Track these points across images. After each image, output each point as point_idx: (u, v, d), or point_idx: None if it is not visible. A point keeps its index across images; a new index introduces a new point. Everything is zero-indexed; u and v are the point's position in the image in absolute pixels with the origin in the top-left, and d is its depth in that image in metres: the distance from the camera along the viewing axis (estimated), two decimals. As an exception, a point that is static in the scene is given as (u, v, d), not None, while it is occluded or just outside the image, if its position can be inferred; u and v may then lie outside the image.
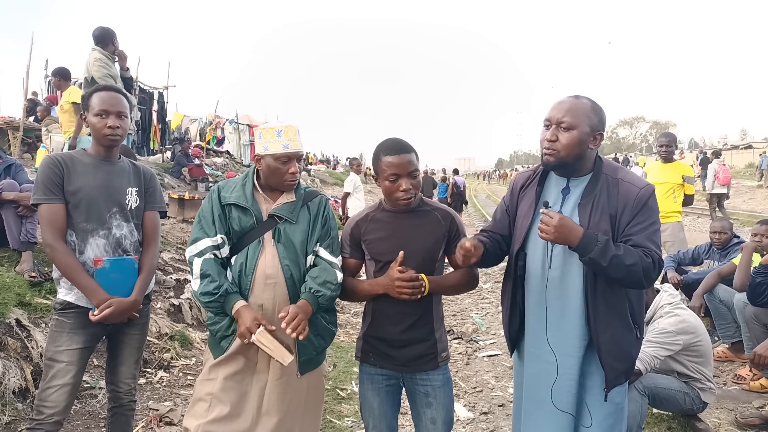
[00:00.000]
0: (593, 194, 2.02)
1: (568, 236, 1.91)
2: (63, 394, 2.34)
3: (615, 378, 2.03)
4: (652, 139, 72.47)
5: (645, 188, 2.02)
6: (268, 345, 2.06)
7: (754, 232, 4.34)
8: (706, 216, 15.49)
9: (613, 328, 2.01)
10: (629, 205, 1.98)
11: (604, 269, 1.90)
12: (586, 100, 2.04)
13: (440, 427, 2.27)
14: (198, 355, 4.59)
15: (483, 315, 6.75)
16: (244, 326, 2.07)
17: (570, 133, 1.99)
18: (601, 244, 1.89)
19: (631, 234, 1.97)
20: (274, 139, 2.24)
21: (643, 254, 1.92)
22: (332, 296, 2.24)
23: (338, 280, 2.25)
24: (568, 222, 1.93)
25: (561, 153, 2.01)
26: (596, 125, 2.01)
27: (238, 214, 2.25)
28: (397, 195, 2.19)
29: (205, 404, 2.21)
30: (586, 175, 2.08)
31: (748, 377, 4.14)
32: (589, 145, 2.02)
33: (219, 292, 2.13)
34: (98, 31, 5.44)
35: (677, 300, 3.36)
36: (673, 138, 5.92)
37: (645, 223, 1.98)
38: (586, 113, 2.00)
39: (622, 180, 2.03)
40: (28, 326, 3.62)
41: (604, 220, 1.98)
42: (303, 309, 2.13)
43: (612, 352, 2.00)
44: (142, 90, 13.16)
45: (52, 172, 2.37)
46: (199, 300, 2.19)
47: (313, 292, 2.19)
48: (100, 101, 2.44)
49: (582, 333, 2.04)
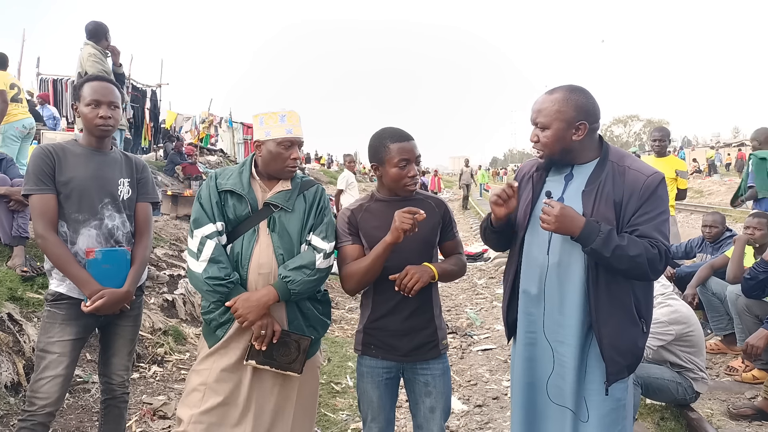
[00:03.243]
0: (598, 181, 1.95)
1: (569, 226, 1.87)
2: (55, 385, 2.32)
3: (617, 372, 1.95)
4: (645, 137, 72.69)
5: (653, 176, 1.94)
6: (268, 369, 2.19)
7: (747, 225, 4.36)
8: (700, 212, 15.58)
9: (616, 321, 1.93)
10: (636, 193, 1.91)
11: (607, 260, 1.85)
12: (560, 92, 1.97)
13: (439, 415, 2.26)
14: (192, 350, 4.58)
15: (477, 310, 6.77)
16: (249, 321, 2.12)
17: (545, 132, 1.97)
18: (604, 234, 1.83)
19: (638, 224, 1.90)
20: (278, 124, 2.22)
21: (649, 245, 1.85)
22: (308, 281, 2.17)
23: (316, 264, 2.19)
24: (570, 212, 1.88)
25: (546, 151, 2.01)
26: (572, 117, 1.93)
27: (233, 201, 2.23)
28: (405, 181, 2.22)
29: (199, 394, 2.19)
30: (591, 161, 2.02)
31: (741, 369, 4.17)
32: (572, 138, 1.95)
33: (230, 279, 2.13)
34: (91, 25, 5.42)
35: (669, 290, 3.38)
36: (666, 133, 5.93)
37: (653, 213, 1.90)
38: (557, 108, 1.94)
39: (629, 168, 1.96)
40: (20, 320, 3.60)
41: (609, 208, 1.92)
42: (258, 298, 2.12)
43: (614, 345, 1.92)
44: (135, 88, 13.07)
45: (43, 163, 2.35)
46: (203, 283, 2.14)
47: (282, 277, 2.16)
48: (91, 91, 2.42)
49: (581, 324, 1.97)
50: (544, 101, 1.99)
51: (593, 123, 1.97)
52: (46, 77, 12.56)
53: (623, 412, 2.02)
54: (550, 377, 2.06)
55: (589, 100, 1.97)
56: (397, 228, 2.07)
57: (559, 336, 2.03)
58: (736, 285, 4.18)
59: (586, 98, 1.97)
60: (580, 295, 1.97)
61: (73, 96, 2.53)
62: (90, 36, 5.29)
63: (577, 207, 1.95)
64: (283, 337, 2.18)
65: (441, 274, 2.21)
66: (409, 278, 2.11)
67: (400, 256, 2.16)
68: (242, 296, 2.13)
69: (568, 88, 1.98)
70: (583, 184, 1.99)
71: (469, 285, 8.20)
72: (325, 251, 2.23)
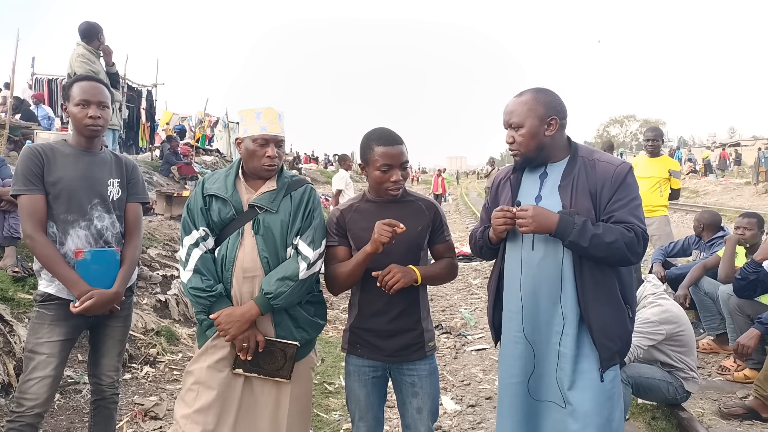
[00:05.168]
0: (572, 175, 2.06)
1: (545, 223, 1.95)
2: (44, 386, 2.32)
3: (609, 358, 2.01)
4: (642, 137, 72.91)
5: (621, 165, 2.06)
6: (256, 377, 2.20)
7: (737, 225, 4.38)
8: (694, 213, 15.62)
9: (604, 307, 2.01)
10: (607, 182, 2.02)
11: (586, 250, 1.94)
12: (528, 93, 2.09)
13: (426, 416, 2.27)
14: (185, 350, 4.57)
15: (472, 310, 6.77)
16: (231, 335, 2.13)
17: (520, 132, 2.07)
18: (578, 226, 1.93)
19: (613, 210, 2.00)
20: (253, 121, 2.20)
21: (625, 229, 1.95)
22: (292, 293, 2.14)
23: (300, 275, 2.15)
24: (542, 210, 1.97)
25: (521, 150, 2.09)
26: (543, 114, 2.05)
27: (218, 205, 2.21)
28: (387, 185, 2.20)
29: (193, 393, 2.18)
30: (562, 159, 2.12)
31: (732, 368, 4.18)
32: (545, 134, 2.06)
33: (212, 291, 2.13)
34: (84, 26, 5.41)
35: (661, 290, 3.39)
36: (659, 132, 5.94)
37: (625, 199, 2.01)
38: (528, 107, 2.06)
39: (599, 160, 2.08)
40: (11, 321, 3.59)
41: (585, 198, 2.02)
42: (241, 314, 2.12)
43: (604, 331, 2.00)
44: (130, 88, 13.04)
45: (32, 163, 2.35)
46: (188, 292, 2.19)
47: (264, 293, 2.14)
48: (80, 91, 2.42)
49: (571, 314, 2.02)
50: (514, 104, 2.11)
51: (563, 118, 2.09)
52: (41, 77, 12.54)
53: (616, 401, 2.06)
54: (532, 376, 2.09)
55: (555, 98, 2.09)
56: (375, 240, 2.09)
57: (545, 332, 2.07)
58: (728, 285, 4.19)
59: (552, 97, 2.09)
60: (567, 286, 2.03)
61: (63, 96, 2.53)
62: (82, 36, 5.28)
63: (555, 202, 2.05)
64: (268, 347, 2.18)
65: (424, 277, 2.21)
66: (391, 276, 2.13)
67: (386, 257, 2.16)
68: (225, 311, 2.13)
69: (535, 89, 2.11)
70: (558, 179, 2.09)
71: (464, 285, 8.20)
72: (309, 260, 2.18)
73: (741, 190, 23.36)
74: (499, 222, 2.05)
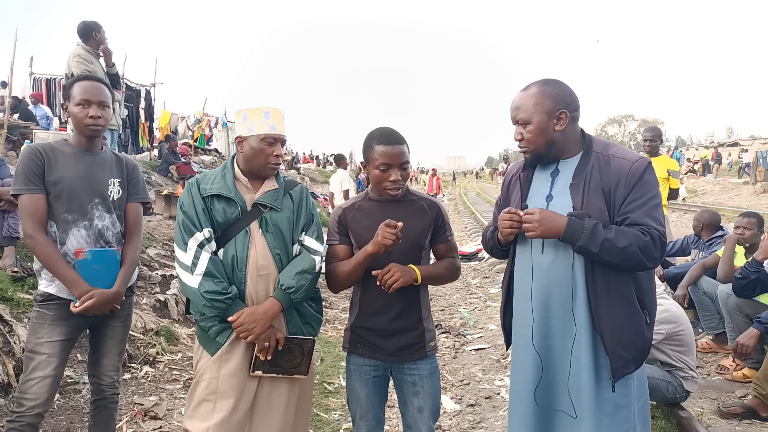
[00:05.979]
0: (584, 173, 1.93)
1: (552, 227, 1.85)
2: (44, 386, 2.31)
3: (622, 367, 1.88)
4: (640, 137, 73.02)
5: (638, 162, 1.91)
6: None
7: (737, 225, 4.39)
8: (693, 213, 15.65)
9: (617, 313, 1.88)
10: (622, 180, 1.88)
11: (597, 255, 1.82)
12: (535, 86, 1.98)
13: (427, 415, 2.26)
14: (184, 350, 4.57)
15: (471, 310, 6.78)
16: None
17: (528, 128, 1.96)
18: (588, 230, 1.81)
19: (628, 211, 1.87)
20: (261, 120, 2.20)
21: (640, 233, 1.82)
22: (309, 286, 2.19)
23: (316, 268, 2.21)
24: (549, 213, 1.87)
25: (531, 148, 1.98)
26: (551, 108, 1.93)
27: (221, 205, 2.19)
28: (385, 185, 2.20)
29: (210, 404, 2.12)
30: (575, 155, 2.00)
31: (731, 368, 4.19)
32: (554, 129, 1.94)
33: (228, 293, 2.09)
34: (81, 25, 5.40)
35: (660, 290, 3.39)
36: (658, 132, 5.94)
37: (642, 199, 1.87)
38: (535, 101, 1.94)
39: (614, 156, 1.94)
40: (11, 321, 3.58)
41: (599, 198, 1.89)
42: (264, 311, 2.11)
43: (617, 338, 1.87)
44: (129, 87, 13.03)
45: (32, 162, 2.34)
46: (200, 298, 2.08)
47: (284, 287, 2.15)
48: (81, 91, 2.42)
49: (583, 321, 1.90)
50: (521, 98, 1.99)
51: (573, 111, 1.96)
52: (39, 76, 12.52)
53: (626, 413, 1.93)
54: (539, 384, 2.00)
55: (564, 90, 1.96)
56: (378, 243, 2.09)
57: (558, 339, 1.97)
58: (727, 284, 4.20)
59: (561, 88, 1.96)
60: (579, 292, 1.92)
61: (64, 96, 2.52)
62: (80, 36, 5.28)
63: (566, 201, 1.93)
64: (286, 344, 2.18)
65: (425, 277, 2.21)
66: (391, 275, 2.12)
67: (387, 256, 2.16)
68: (246, 311, 2.10)
69: (542, 81, 1.99)
70: (570, 177, 1.96)
71: (463, 284, 8.21)
72: (321, 254, 2.25)
73: (739, 189, 23.42)
74: (506, 225, 1.96)
